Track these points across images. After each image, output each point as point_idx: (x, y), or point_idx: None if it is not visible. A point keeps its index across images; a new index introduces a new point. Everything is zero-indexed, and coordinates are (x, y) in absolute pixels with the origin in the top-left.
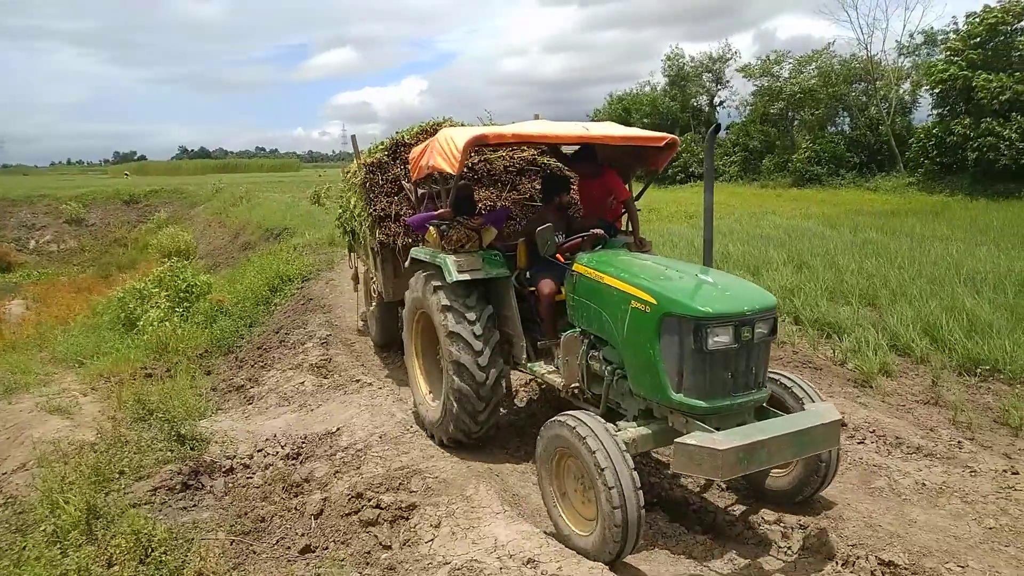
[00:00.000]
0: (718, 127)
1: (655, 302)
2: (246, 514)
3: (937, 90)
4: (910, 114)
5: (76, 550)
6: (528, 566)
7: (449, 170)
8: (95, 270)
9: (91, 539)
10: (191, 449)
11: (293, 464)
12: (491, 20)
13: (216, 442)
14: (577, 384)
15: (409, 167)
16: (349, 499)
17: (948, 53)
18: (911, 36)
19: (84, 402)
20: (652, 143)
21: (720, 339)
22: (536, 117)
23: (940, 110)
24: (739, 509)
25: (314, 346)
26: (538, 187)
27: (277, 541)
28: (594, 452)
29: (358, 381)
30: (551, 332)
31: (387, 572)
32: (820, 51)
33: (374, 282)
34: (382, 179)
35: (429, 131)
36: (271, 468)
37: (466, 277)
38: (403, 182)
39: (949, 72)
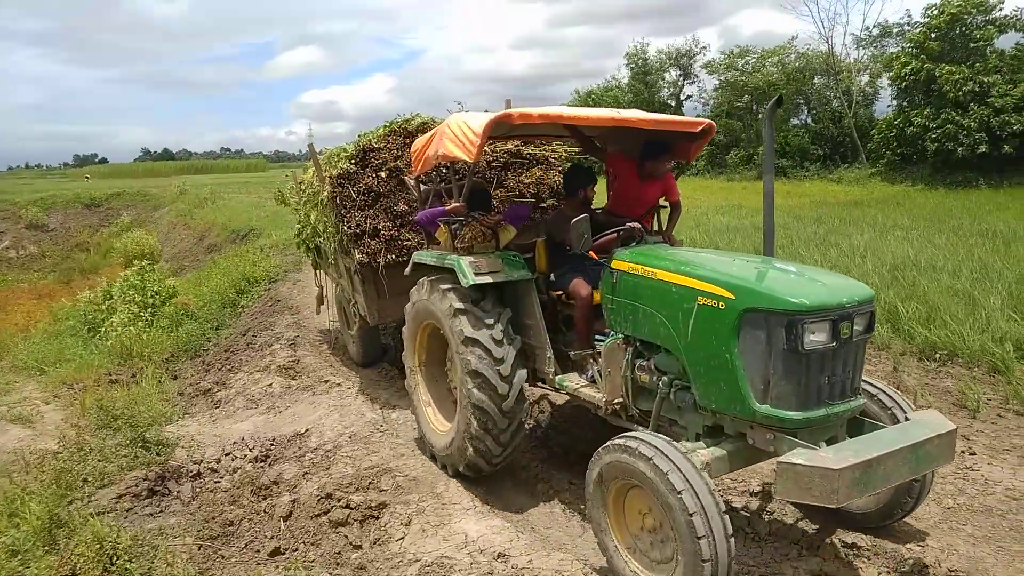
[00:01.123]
0: (780, 100)
1: (732, 296)
2: (214, 518)
3: (900, 83)
4: (872, 106)
5: (37, 561)
6: (499, 560)
7: (465, 158)
8: (57, 276)
9: (53, 549)
10: (157, 455)
11: (261, 467)
12: (458, 17)
13: (183, 447)
14: (620, 400)
15: (411, 161)
16: (318, 500)
17: (910, 45)
18: (868, 29)
19: (46, 410)
20: (687, 129)
21: (817, 337)
22: (508, 104)
23: (900, 101)
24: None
25: (282, 347)
26: (526, 181)
27: (246, 544)
28: (680, 492)
29: (327, 382)
30: (585, 341)
31: (357, 572)
32: (783, 46)
33: (354, 304)
34: (353, 191)
35: (398, 131)
36: (239, 471)
37: (485, 279)
38: (405, 178)
39: (911, 65)
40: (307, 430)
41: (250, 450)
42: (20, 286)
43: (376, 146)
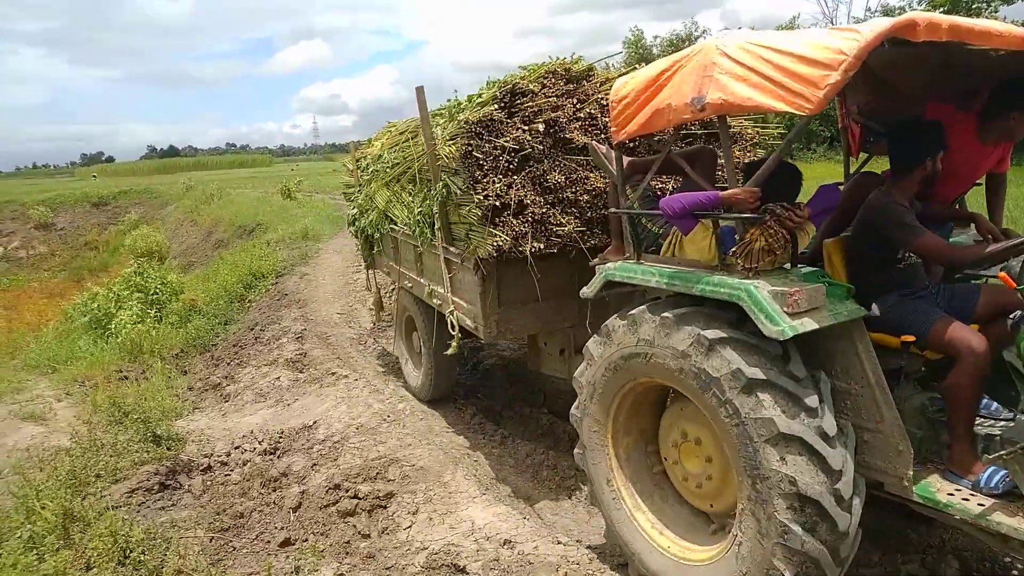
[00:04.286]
0: None
1: None
2: (225, 511)
3: None
4: None
5: (53, 555)
6: (505, 547)
7: (787, 109)
8: (66, 275)
9: (68, 543)
10: (168, 449)
11: (271, 459)
12: (459, 6)
13: (193, 441)
14: None
15: (614, 118)
16: (327, 491)
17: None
18: (871, 12)
19: (58, 407)
20: None
21: None
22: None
23: None
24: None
25: (289, 341)
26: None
27: (256, 536)
28: None
29: (334, 374)
30: (967, 426)
31: (366, 560)
32: (787, 26)
33: (452, 313)
34: (496, 146)
35: (559, 73)
36: (249, 464)
37: (809, 326)
38: (593, 143)
39: None
40: (315, 422)
41: (259, 443)
42: (31, 285)
43: (531, 88)
